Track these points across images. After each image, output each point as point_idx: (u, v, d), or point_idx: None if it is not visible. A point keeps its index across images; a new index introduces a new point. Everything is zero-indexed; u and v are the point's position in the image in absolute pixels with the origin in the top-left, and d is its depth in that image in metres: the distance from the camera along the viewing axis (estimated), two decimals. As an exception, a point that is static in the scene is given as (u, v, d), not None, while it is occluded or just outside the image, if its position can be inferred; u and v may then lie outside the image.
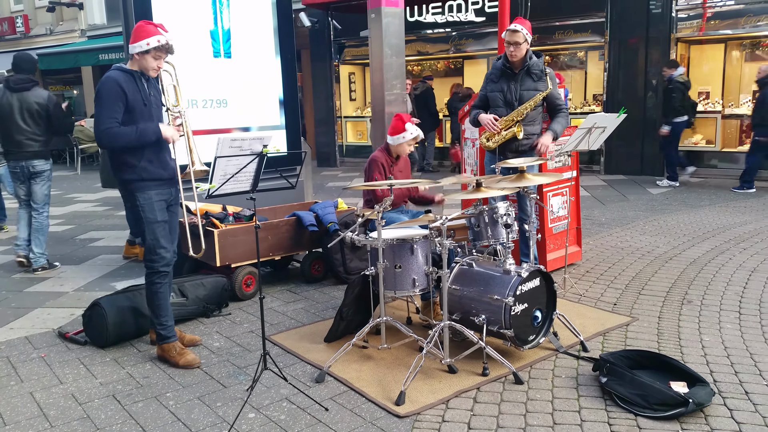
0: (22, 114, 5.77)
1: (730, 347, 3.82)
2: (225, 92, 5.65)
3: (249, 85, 5.82)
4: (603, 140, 4.91)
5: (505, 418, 3.10)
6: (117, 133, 3.56)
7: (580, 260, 5.79)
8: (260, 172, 3.43)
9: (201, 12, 5.61)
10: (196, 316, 4.61)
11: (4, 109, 5.77)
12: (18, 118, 5.76)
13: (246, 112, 5.74)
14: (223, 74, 5.70)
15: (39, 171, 5.95)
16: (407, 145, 4.78)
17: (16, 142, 5.82)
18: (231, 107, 5.62)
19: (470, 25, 12.87)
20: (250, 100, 5.77)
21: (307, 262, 5.44)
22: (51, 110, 5.88)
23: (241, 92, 5.73)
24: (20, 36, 20.95)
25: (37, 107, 5.81)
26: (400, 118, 4.76)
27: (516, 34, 4.58)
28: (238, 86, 5.79)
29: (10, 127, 5.78)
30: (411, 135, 4.73)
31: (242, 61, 5.86)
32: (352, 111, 15.41)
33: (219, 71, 5.70)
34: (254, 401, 3.32)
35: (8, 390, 3.58)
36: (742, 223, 7.20)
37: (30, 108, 5.78)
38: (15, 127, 5.77)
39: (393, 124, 4.77)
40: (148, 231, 3.75)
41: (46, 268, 6.07)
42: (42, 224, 6.08)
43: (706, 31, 10.61)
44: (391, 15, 6.99)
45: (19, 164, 5.91)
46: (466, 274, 3.81)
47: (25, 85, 5.82)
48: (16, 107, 5.76)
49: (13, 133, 5.79)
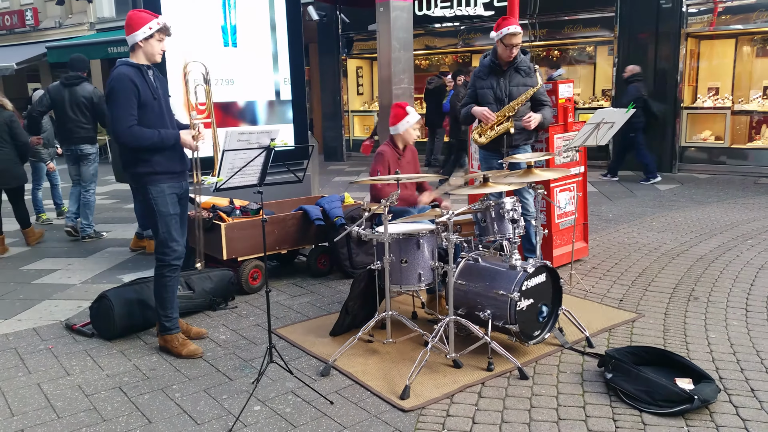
0: (72, 106, 6.69)
1: (736, 344, 3.80)
2: (231, 73, 6.00)
3: (250, 67, 6.10)
4: (611, 135, 4.89)
5: (510, 413, 3.10)
6: (141, 135, 3.58)
7: (586, 256, 5.78)
8: (267, 165, 3.43)
9: (212, 8, 5.73)
10: (202, 309, 4.63)
11: (57, 102, 6.73)
12: (68, 110, 6.70)
13: (247, 89, 6.14)
14: (229, 60, 5.99)
15: (86, 154, 6.93)
16: (412, 129, 4.72)
17: (67, 130, 6.78)
18: (236, 84, 6.05)
19: (478, 19, 12.81)
20: (251, 79, 6.14)
21: (314, 256, 5.45)
22: (95, 102, 6.71)
23: (243, 73, 6.07)
24: (30, 29, 21.02)
25: (84, 100, 6.70)
26: (398, 105, 4.74)
27: (517, 36, 4.63)
28: (241, 68, 6.07)
29: (63, 117, 6.76)
30: (414, 118, 4.68)
31: (245, 49, 6.08)
32: (359, 105, 15.39)
33: (227, 57, 5.96)
34: (260, 394, 3.34)
35: (16, 381, 3.62)
36: (749, 219, 7.16)
37: (78, 101, 6.68)
38: (66, 116, 6.73)
39: (393, 113, 4.73)
40: (161, 224, 3.76)
41: (92, 237, 7.12)
42: (89, 200, 7.09)
43: (716, 26, 10.53)
44: (399, 9, 6.98)
45: (70, 148, 6.89)
46: (472, 269, 3.81)
47: (75, 81, 6.72)
48: (67, 100, 6.68)
49: (65, 121, 6.77)
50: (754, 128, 10.84)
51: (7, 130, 6.44)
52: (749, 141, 10.84)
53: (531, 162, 4.01)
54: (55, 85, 6.85)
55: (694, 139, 11.12)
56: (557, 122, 5.41)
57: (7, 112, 6.52)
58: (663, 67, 10.88)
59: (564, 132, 5.44)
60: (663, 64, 10.87)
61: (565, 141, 5.42)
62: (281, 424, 3.05)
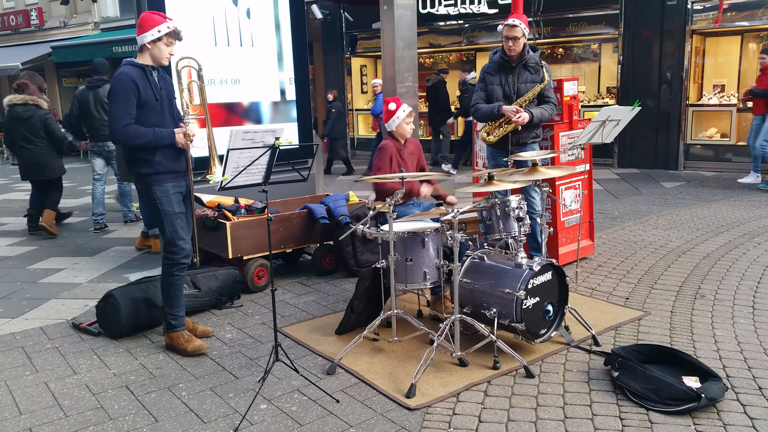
0: (96, 106, 7.19)
1: (743, 342, 3.79)
2: (237, 74, 6.00)
3: (255, 67, 6.10)
4: (617, 133, 4.87)
5: (516, 411, 3.10)
6: (135, 134, 3.59)
7: (592, 254, 5.76)
8: (272, 164, 3.43)
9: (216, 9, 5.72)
10: (208, 308, 4.64)
11: (83, 103, 7.24)
12: (93, 110, 7.21)
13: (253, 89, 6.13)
14: (235, 59, 5.98)
15: (111, 150, 7.36)
16: (404, 123, 4.66)
17: (93, 128, 7.31)
18: (242, 84, 6.05)
19: (483, 17, 12.79)
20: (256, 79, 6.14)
21: (319, 254, 5.45)
22: None
23: (248, 73, 6.08)
24: (34, 29, 21.09)
25: (106, 100, 6.91)
26: (386, 101, 4.73)
27: (514, 29, 4.64)
28: (247, 68, 6.07)
29: (89, 117, 7.25)
30: (404, 112, 4.63)
31: (250, 49, 6.07)
32: (363, 104, 15.38)
33: (232, 57, 5.96)
34: (266, 392, 3.34)
35: (23, 380, 3.63)
36: (756, 217, 7.13)
37: (101, 101, 7.13)
38: (92, 116, 7.23)
39: (384, 110, 4.73)
40: (167, 223, 3.77)
41: (133, 221, 7.81)
42: (124, 189, 7.73)
43: (722, 23, 10.48)
44: (404, 7, 6.96)
45: (98, 144, 7.43)
46: (477, 267, 3.80)
47: (98, 84, 7.23)
48: (92, 101, 7.21)
49: (91, 120, 7.26)
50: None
51: (42, 126, 7.22)
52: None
53: (536, 160, 3.99)
54: (81, 89, 7.40)
55: (699, 136, 11.07)
56: (562, 120, 5.40)
57: (42, 110, 7.26)
58: (668, 65, 10.85)
59: (569, 130, 5.43)
60: (668, 61, 10.83)
61: (570, 139, 5.41)
62: (287, 423, 3.05)
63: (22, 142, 7.19)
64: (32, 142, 7.19)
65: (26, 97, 7.19)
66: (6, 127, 7.36)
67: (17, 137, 7.21)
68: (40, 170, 7.29)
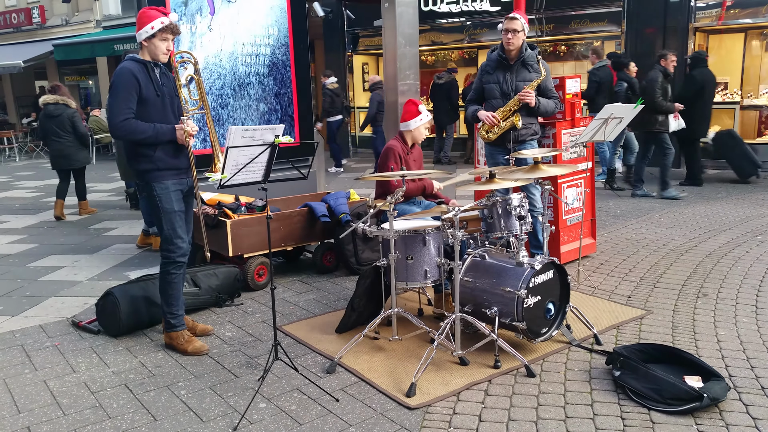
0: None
1: (745, 341, 3.77)
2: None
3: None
4: (619, 131, 4.85)
5: (517, 411, 3.08)
6: (135, 128, 3.57)
7: (594, 252, 5.74)
8: (272, 162, 3.41)
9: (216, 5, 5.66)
10: (208, 306, 4.63)
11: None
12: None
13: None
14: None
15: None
16: (423, 128, 4.72)
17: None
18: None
19: (485, 15, 12.76)
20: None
21: (319, 252, 5.44)
22: None
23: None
24: (36, 27, 21.10)
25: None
26: (412, 102, 4.73)
27: (514, 21, 4.66)
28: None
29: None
30: (427, 117, 4.71)
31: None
32: (365, 101, 15.34)
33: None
34: (265, 391, 3.33)
35: (22, 378, 3.62)
36: (759, 215, 7.10)
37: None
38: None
39: (406, 109, 4.71)
40: (165, 221, 3.75)
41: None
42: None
43: (725, 21, 10.43)
44: (405, 4, 6.94)
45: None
46: (478, 265, 3.78)
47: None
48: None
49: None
50: (763, 123, 10.75)
51: (70, 123, 8.12)
52: (758, 136, 10.75)
53: (538, 158, 3.97)
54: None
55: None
56: (564, 117, 5.37)
57: (71, 109, 8.21)
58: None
59: (571, 127, 5.40)
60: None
61: (572, 137, 5.38)
62: (287, 422, 3.03)
63: (53, 136, 8.13)
64: (61, 136, 8.12)
65: (58, 97, 8.17)
66: (40, 122, 8.40)
67: (49, 132, 8.14)
68: (67, 160, 8.23)
